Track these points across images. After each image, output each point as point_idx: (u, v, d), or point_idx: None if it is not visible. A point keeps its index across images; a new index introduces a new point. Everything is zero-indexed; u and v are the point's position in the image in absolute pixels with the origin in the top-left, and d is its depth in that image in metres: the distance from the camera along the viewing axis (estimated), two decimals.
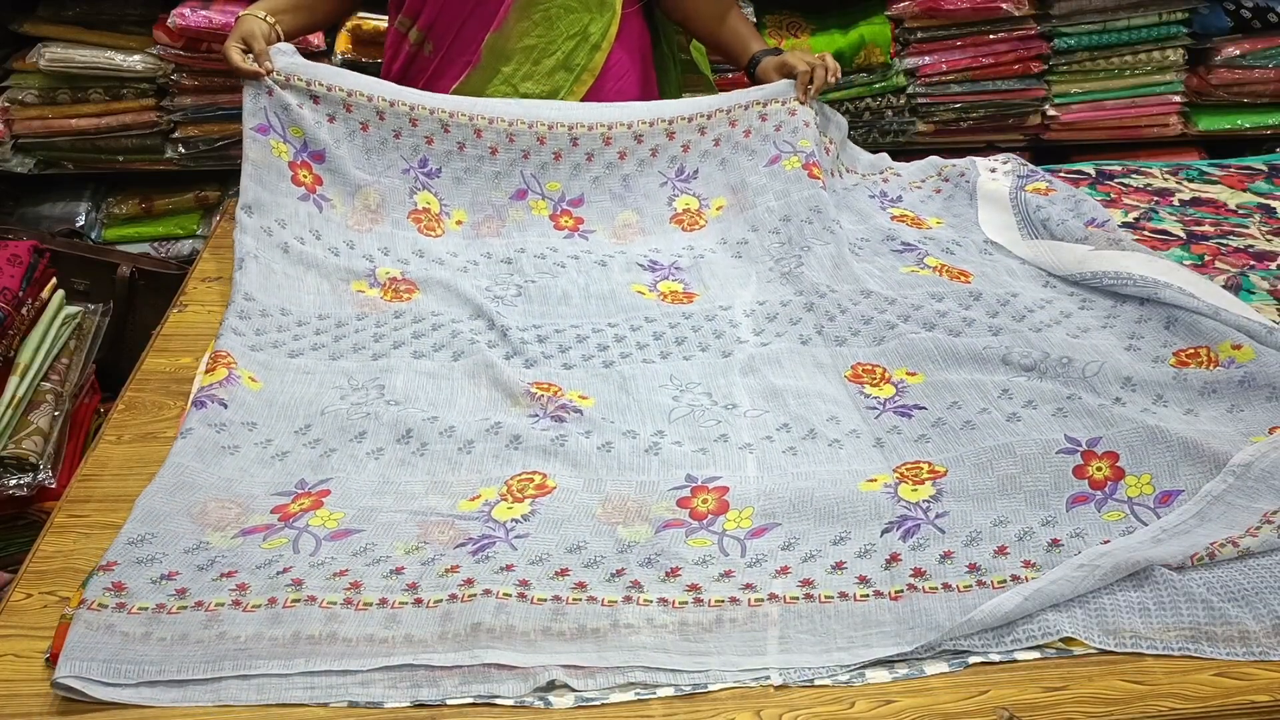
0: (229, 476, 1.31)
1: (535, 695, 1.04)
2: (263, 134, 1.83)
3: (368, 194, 1.85)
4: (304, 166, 1.84)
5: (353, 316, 1.66)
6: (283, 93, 1.86)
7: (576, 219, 1.93)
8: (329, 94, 1.88)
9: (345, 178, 1.85)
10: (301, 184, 1.83)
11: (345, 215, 1.84)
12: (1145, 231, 1.94)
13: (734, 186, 1.97)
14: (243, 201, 1.78)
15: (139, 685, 1.03)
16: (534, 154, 1.93)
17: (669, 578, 1.17)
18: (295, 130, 1.85)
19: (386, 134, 1.90)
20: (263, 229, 1.75)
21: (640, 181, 1.97)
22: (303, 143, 1.85)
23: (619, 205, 1.95)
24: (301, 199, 1.82)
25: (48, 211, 2.87)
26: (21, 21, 2.71)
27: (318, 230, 1.79)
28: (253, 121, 1.84)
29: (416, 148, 1.90)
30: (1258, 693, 1.05)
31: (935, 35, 2.82)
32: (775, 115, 2.01)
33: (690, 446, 1.39)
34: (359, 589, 1.14)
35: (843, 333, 1.62)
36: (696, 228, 1.94)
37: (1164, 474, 1.29)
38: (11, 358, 2.02)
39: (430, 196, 1.89)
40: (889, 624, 1.12)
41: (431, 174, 1.90)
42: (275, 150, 1.83)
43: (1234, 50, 2.89)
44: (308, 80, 1.87)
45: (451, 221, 1.89)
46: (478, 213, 1.91)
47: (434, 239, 1.85)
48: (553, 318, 1.69)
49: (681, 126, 1.98)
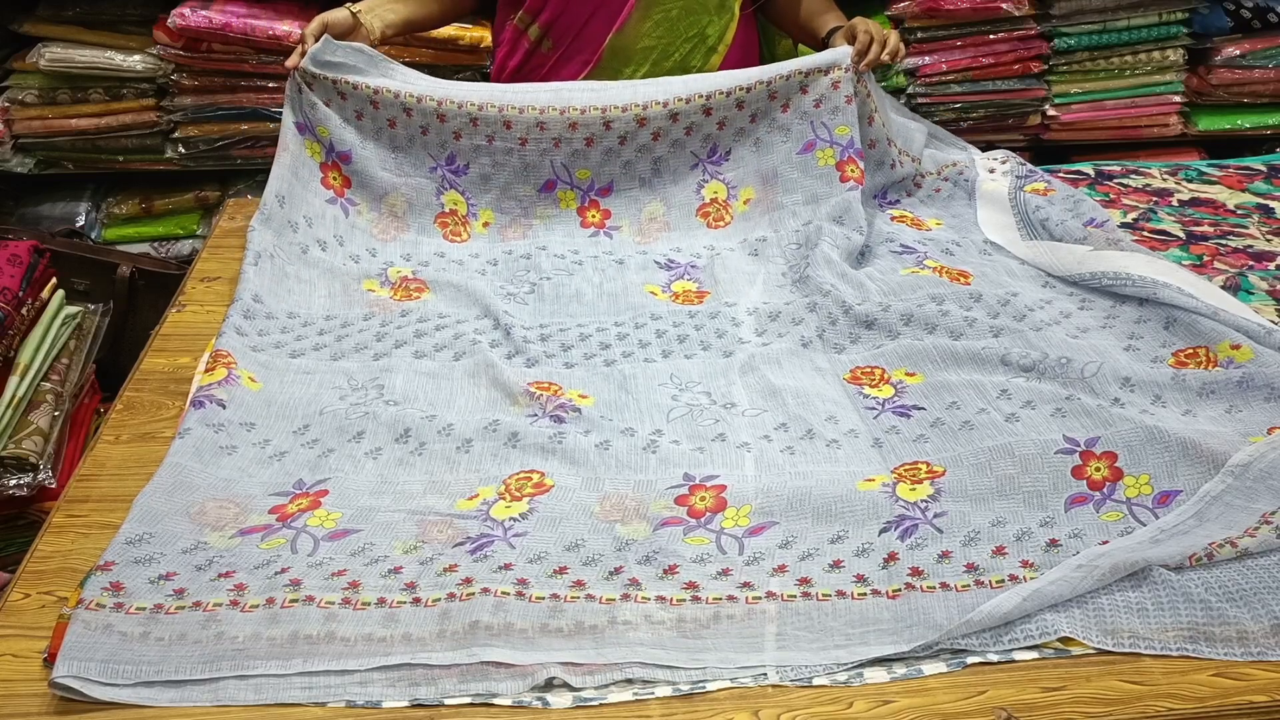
0: (227, 476, 1.31)
1: (533, 695, 1.04)
2: (300, 132, 1.83)
3: (394, 200, 1.85)
4: (333, 168, 1.84)
5: (359, 316, 1.66)
6: (309, 91, 1.84)
7: (604, 212, 1.91)
8: (355, 91, 1.85)
9: (372, 180, 1.85)
10: (330, 187, 1.83)
11: (371, 223, 1.84)
12: (1144, 232, 1.94)
13: (765, 176, 1.93)
14: (275, 190, 1.76)
15: (137, 685, 1.03)
16: (565, 142, 1.89)
17: (667, 575, 1.17)
18: (323, 130, 1.85)
19: (414, 130, 1.87)
20: (289, 223, 1.74)
21: (671, 163, 1.92)
22: (330, 143, 1.85)
23: (648, 193, 1.92)
24: (329, 202, 1.82)
25: (48, 211, 2.87)
26: (21, 21, 2.72)
27: (341, 236, 1.79)
28: (292, 118, 1.84)
29: (444, 144, 1.88)
30: (1256, 693, 1.05)
31: (935, 35, 2.82)
32: (816, 88, 1.93)
33: (688, 445, 1.39)
34: (357, 588, 1.14)
35: (843, 336, 1.62)
36: (721, 224, 1.92)
37: (1162, 474, 1.29)
38: (11, 358, 2.02)
39: (457, 196, 1.88)
40: (887, 622, 1.12)
41: (459, 171, 1.88)
42: (309, 149, 1.83)
43: (1234, 50, 2.90)
44: (334, 78, 1.84)
45: (478, 224, 1.89)
46: (505, 214, 1.89)
47: (459, 244, 1.85)
48: (562, 316, 1.69)
49: (719, 102, 1.90)
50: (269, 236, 1.72)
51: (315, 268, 1.74)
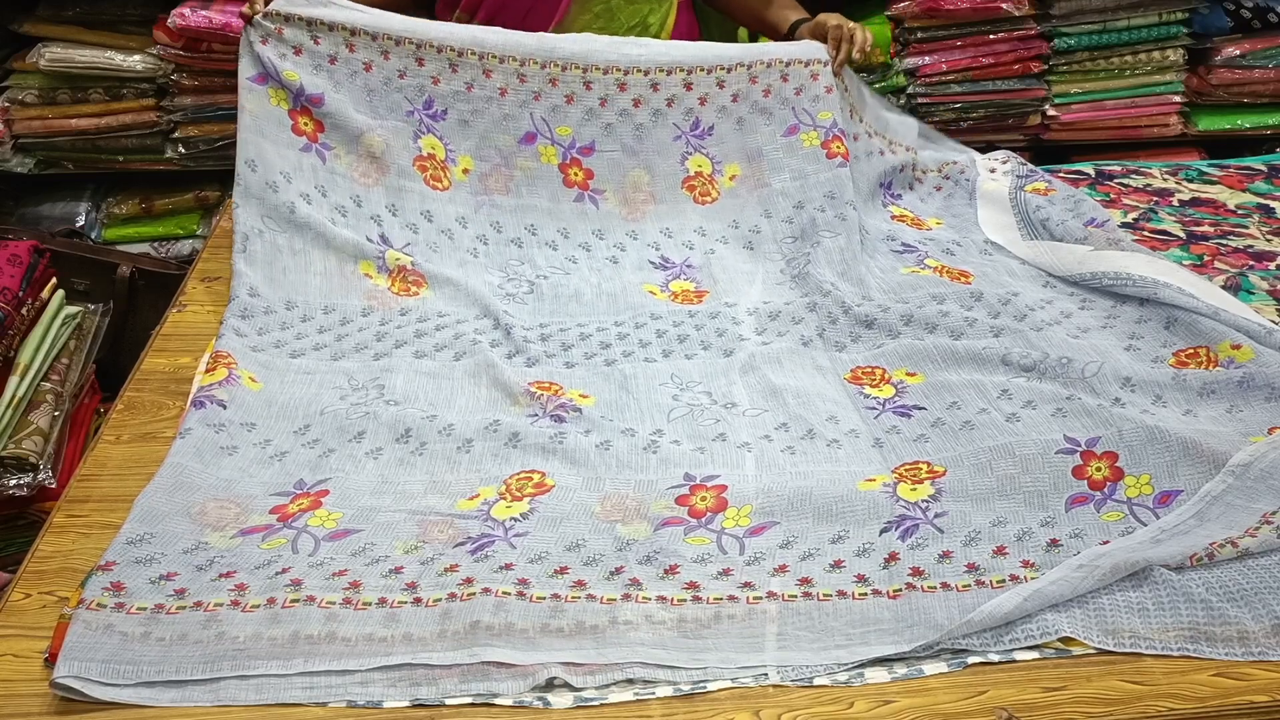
0: (228, 477, 1.31)
1: (534, 695, 1.04)
2: (260, 83, 1.78)
3: (371, 140, 1.80)
4: (303, 113, 1.78)
5: (358, 311, 1.65)
6: (279, 37, 1.79)
7: (586, 171, 1.88)
8: (331, 33, 1.81)
9: (347, 121, 1.80)
10: (303, 133, 1.78)
11: (350, 166, 1.78)
12: (1144, 232, 1.94)
13: (749, 154, 1.93)
14: (244, 156, 1.72)
15: (138, 685, 1.03)
16: (545, 96, 1.87)
17: (667, 575, 1.17)
18: (290, 74, 1.79)
19: (390, 73, 1.84)
20: (267, 184, 1.70)
21: (654, 133, 1.91)
22: (299, 87, 1.78)
23: (630, 159, 1.90)
24: (304, 150, 1.77)
25: (48, 211, 2.87)
26: (21, 21, 2.71)
27: (323, 186, 1.75)
28: (249, 71, 1.78)
29: (422, 88, 1.85)
30: (1256, 693, 1.05)
31: (935, 35, 2.82)
32: (796, 77, 1.94)
33: (689, 445, 1.39)
34: (358, 588, 1.14)
35: (843, 335, 1.62)
36: (708, 200, 1.91)
37: (1163, 474, 1.29)
38: (11, 358, 2.02)
39: (435, 141, 1.84)
40: (887, 622, 1.13)
41: (436, 116, 1.84)
42: (273, 99, 1.77)
43: (1234, 50, 2.89)
44: (309, 19, 1.80)
45: (458, 170, 1.85)
46: (484, 161, 1.86)
47: (441, 192, 1.82)
48: (562, 316, 1.68)
49: (700, 78, 1.91)
50: (253, 209, 1.69)
51: (305, 232, 1.69)
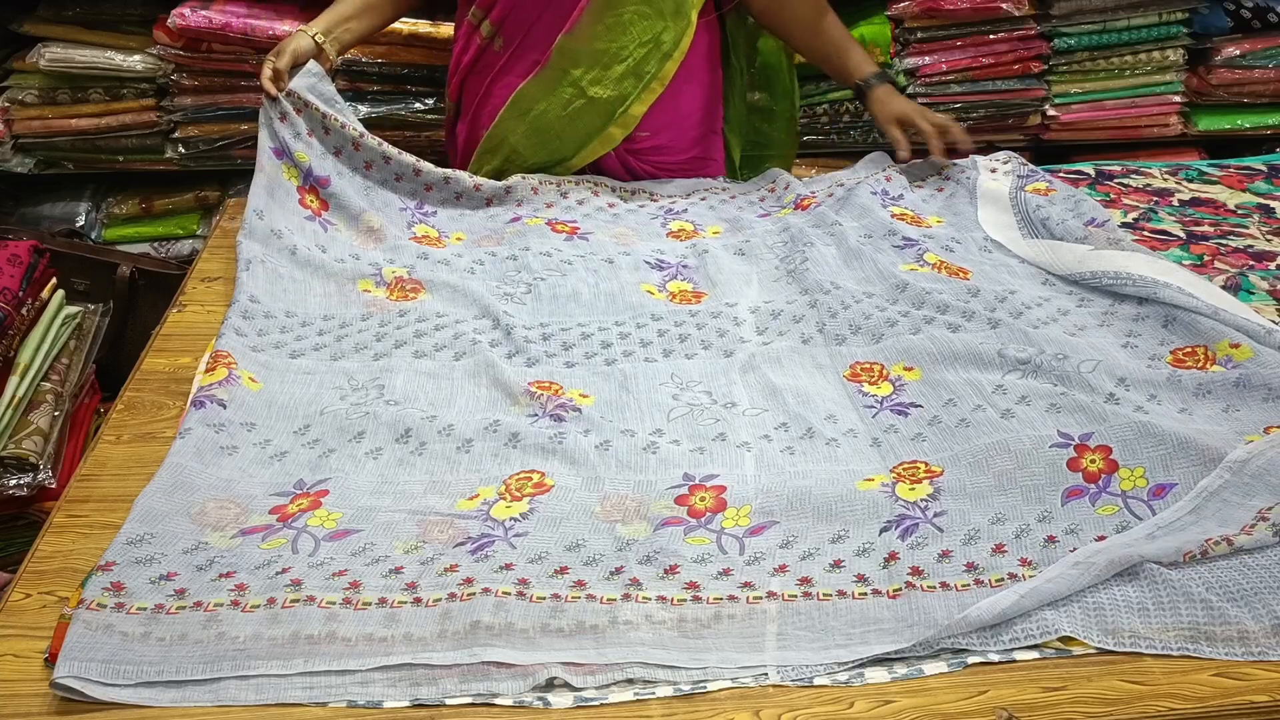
0: (228, 477, 1.31)
1: (534, 695, 1.04)
2: (277, 157, 1.90)
3: (369, 218, 1.90)
4: (311, 191, 1.91)
5: (358, 316, 1.66)
6: (296, 117, 1.92)
7: (572, 227, 1.97)
8: (341, 130, 1.95)
9: (349, 204, 1.91)
10: (309, 207, 1.89)
11: (350, 237, 1.88)
12: (1144, 232, 1.94)
13: (728, 220, 2.02)
14: (254, 205, 1.81)
15: (138, 685, 1.03)
16: (527, 202, 2.03)
17: (667, 575, 1.17)
18: (302, 155, 1.91)
19: (388, 176, 1.99)
20: (272, 232, 1.78)
21: (631, 218, 2.03)
22: (309, 168, 1.91)
23: (614, 224, 2.00)
24: (308, 219, 1.87)
25: (48, 211, 2.87)
26: (21, 21, 2.72)
27: (324, 245, 1.83)
28: (268, 143, 1.90)
29: (415, 193, 2.01)
30: (1257, 693, 1.05)
31: (935, 35, 2.82)
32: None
33: (688, 445, 1.39)
34: (358, 588, 1.15)
35: (843, 330, 1.62)
36: (694, 239, 1.96)
37: (1157, 467, 1.29)
38: (11, 358, 2.02)
39: (428, 228, 1.95)
40: (887, 621, 1.12)
41: (428, 214, 1.99)
42: (286, 173, 1.90)
43: (1234, 50, 2.90)
44: (323, 112, 1.94)
45: (451, 239, 1.94)
46: (475, 234, 1.96)
47: (438, 249, 1.89)
48: (562, 315, 1.69)
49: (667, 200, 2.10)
50: (256, 245, 1.76)
51: (306, 267, 1.76)
